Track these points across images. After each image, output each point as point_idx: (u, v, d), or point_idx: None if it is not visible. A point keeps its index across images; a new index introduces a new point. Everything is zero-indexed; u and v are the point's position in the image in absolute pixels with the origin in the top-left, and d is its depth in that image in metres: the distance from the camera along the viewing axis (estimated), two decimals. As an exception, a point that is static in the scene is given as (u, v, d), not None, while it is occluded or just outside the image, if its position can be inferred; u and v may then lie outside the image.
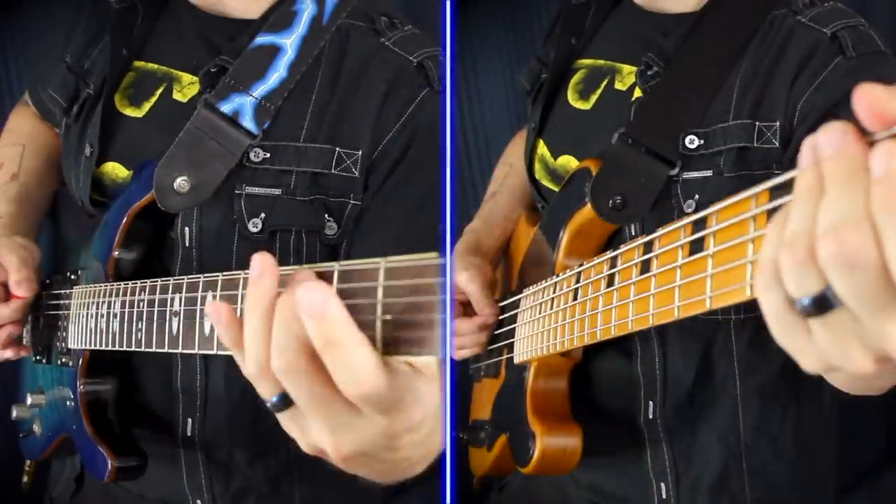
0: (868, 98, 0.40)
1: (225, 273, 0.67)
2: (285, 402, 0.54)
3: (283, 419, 0.56)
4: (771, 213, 0.50)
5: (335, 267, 0.54)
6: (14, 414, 1.13)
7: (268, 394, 0.55)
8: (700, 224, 0.60)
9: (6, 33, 1.55)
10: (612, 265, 0.77)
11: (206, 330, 0.69)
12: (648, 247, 0.69)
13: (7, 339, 1.01)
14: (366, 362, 0.49)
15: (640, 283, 0.70)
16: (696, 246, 0.60)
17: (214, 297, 0.68)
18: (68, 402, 1.00)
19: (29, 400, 1.09)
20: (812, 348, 0.45)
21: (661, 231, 0.67)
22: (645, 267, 0.69)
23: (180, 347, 0.73)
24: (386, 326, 0.50)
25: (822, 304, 0.42)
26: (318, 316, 0.49)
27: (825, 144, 0.42)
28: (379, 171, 0.94)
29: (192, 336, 0.71)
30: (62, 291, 1.04)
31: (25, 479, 1.20)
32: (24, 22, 1.53)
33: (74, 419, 0.99)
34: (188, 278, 0.73)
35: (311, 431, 0.55)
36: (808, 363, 0.46)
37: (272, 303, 0.53)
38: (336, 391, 0.51)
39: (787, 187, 0.48)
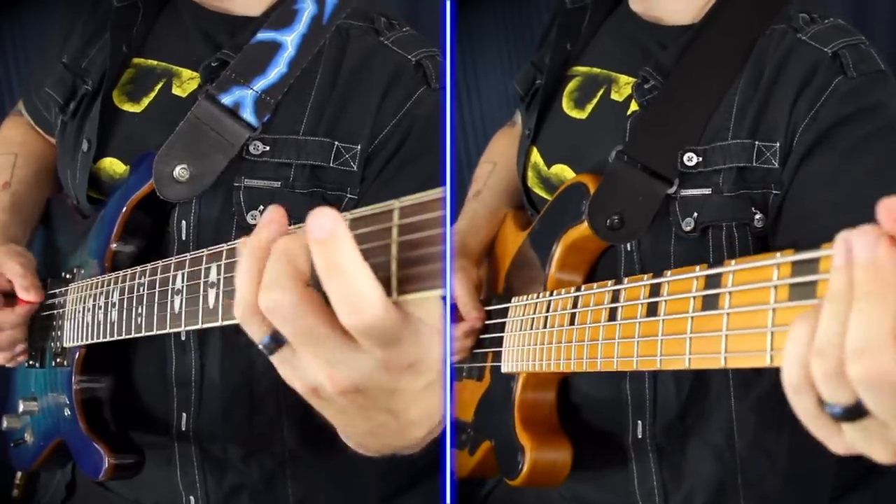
0: (891, 211, 0.43)
1: (229, 243, 0.67)
2: (276, 341, 0.53)
3: (276, 361, 0.55)
4: (794, 287, 0.52)
5: (347, 217, 0.53)
6: (4, 424, 1.10)
7: (258, 335, 0.54)
8: (714, 279, 0.60)
9: (6, 32, 1.55)
10: (615, 298, 0.76)
11: (210, 303, 0.68)
12: (656, 289, 0.69)
13: (13, 344, 1.01)
14: (368, 289, 0.48)
15: (646, 324, 0.70)
16: (710, 300, 0.61)
17: (219, 266, 0.67)
18: (62, 405, 0.98)
19: (21, 407, 1.06)
20: (841, 440, 0.50)
21: (671, 276, 0.67)
22: (652, 309, 0.69)
23: (183, 325, 0.72)
24: (401, 265, 0.49)
25: (853, 413, 0.47)
26: (324, 240, 0.48)
27: (860, 249, 0.44)
28: (376, 163, 0.94)
29: (195, 311, 0.70)
30: (56, 291, 1.03)
31: (16, 492, 1.17)
32: (24, 20, 1.53)
33: (69, 420, 0.97)
34: (190, 254, 0.72)
35: (304, 369, 0.53)
36: (837, 449, 0.51)
37: (270, 246, 0.52)
38: (330, 327, 0.50)
39: (811, 264, 0.51)
